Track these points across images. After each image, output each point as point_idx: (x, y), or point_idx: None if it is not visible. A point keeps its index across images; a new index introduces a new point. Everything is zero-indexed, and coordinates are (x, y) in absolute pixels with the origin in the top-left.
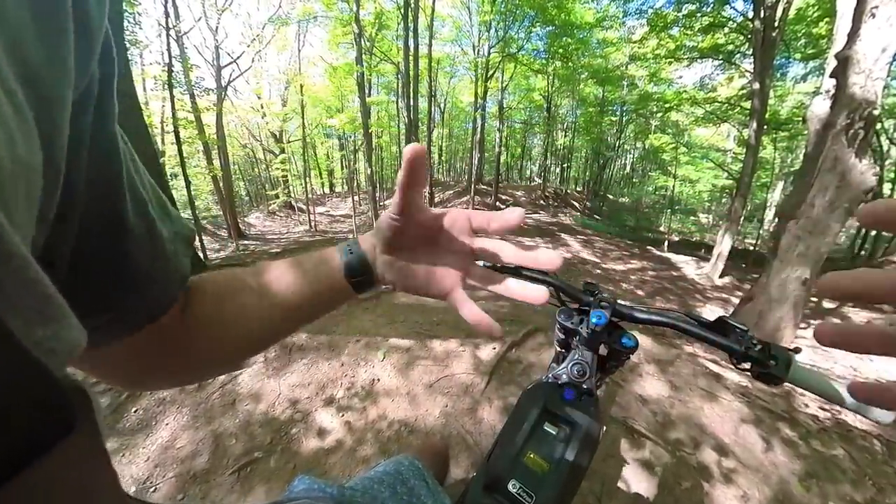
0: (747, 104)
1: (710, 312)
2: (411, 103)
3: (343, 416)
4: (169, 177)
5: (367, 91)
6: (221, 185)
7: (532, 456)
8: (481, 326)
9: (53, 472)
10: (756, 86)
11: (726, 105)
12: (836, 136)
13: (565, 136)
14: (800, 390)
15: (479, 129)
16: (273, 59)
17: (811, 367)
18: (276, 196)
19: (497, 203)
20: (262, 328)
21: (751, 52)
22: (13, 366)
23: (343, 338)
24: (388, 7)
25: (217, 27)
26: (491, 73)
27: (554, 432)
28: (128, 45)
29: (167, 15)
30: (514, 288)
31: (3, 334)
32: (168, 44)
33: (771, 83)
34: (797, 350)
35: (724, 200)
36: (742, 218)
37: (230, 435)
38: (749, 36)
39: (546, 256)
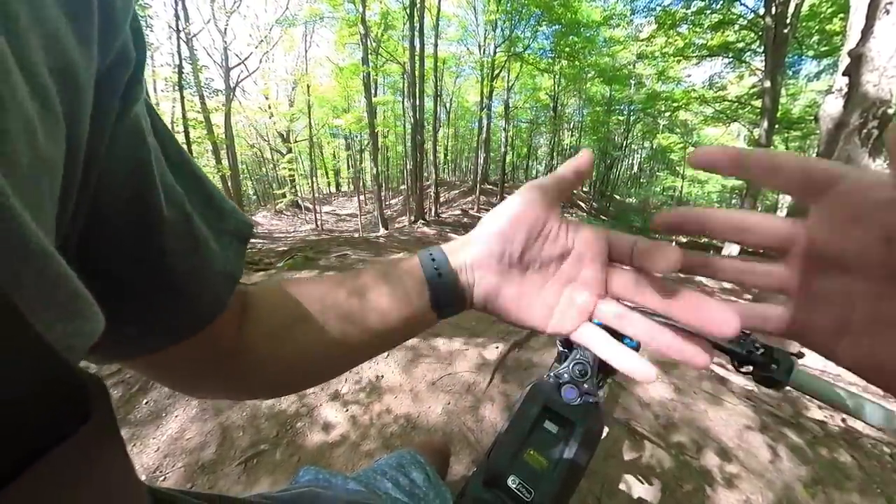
0: (758, 103)
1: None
2: (417, 103)
3: (347, 410)
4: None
5: (373, 91)
6: (230, 184)
7: (532, 453)
8: (638, 374)
9: (73, 457)
10: (767, 84)
11: (736, 104)
12: (849, 135)
13: (572, 135)
14: (808, 396)
15: (484, 129)
16: (280, 60)
17: (819, 372)
18: (283, 195)
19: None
20: (329, 361)
21: (762, 49)
22: (35, 358)
23: None
24: (394, 7)
25: (226, 29)
26: (497, 72)
27: (554, 430)
28: None
29: (177, 17)
30: (668, 342)
31: (24, 329)
32: (178, 46)
33: (783, 81)
34: (800, 355)
35: (734, 201)
36: None
37: (237, 427)
38: (760, 33)
39: (721, 317)
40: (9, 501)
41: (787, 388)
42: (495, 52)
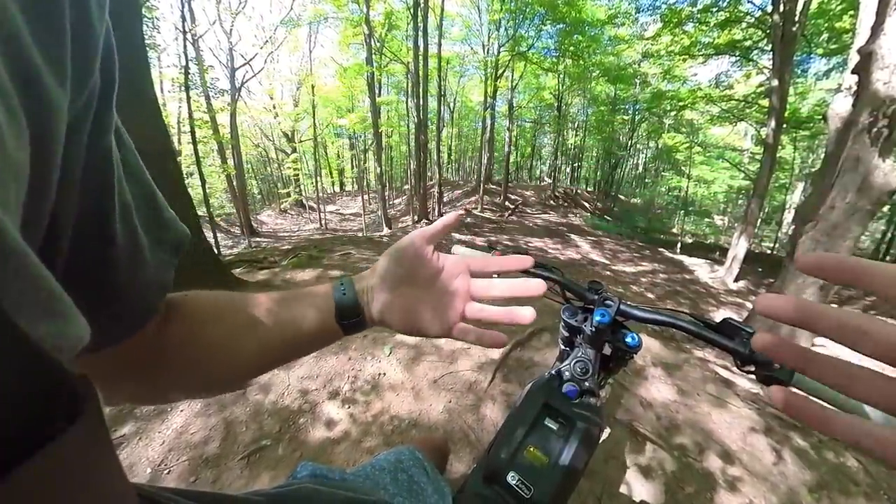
0: (765, 102)
1: (723, 316)
2: (421, 103)
3: (349, 408)
4: (185, 175)
5: (377, 91)
6: (235, 183)
7: (532, 450)
8: (485, 340)
9: (61, 456)
10: (775, 83)
11: (743, 103)
12: (859, 135)
13: (576, 135)
14: (811, 397)
15: (488, 129)
16: (285, 61)
17: None
18: (288, 194)
19: (506, 203)
20: (241, 362)
21: (769, 47)
22: (20, 357)
23: None
24: (398, 7)
25: (231, 30)
26: (501, 71)
27: (554, 428)
28: (147, 48)
29: (184, 19)
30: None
31: (10, 328)
32: (185, 47)
33: (791, 80)
34: None
35: (740, 202)
36: (759, 220)
37: (241, 423)
38: (768, 31)
39: (530, 287)
40: (3, 495)
41: (790, 388)
42: (499, 52)
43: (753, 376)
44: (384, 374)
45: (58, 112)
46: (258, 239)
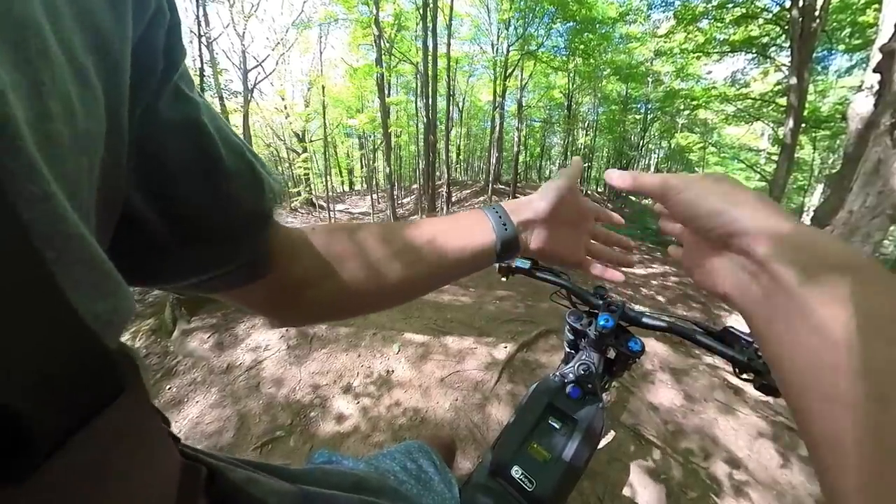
0: (783, 100)
1: (736, 322)
2: (430, 103)
3: (358, 403)
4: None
5: (386, 91)
6: None
7: (536, 446)
8: (606, 275)
9: (110, 425)
10: (793, 80)
11: (760, 102)
12: (880, 136)
13: (586, 134)
14: None
15: (497, 128)
16: (296, 62)
17: None
18: (298, 193)
19: None
20: (386, 291)
21: (788, 44)
22: (72, 334)
23: (360, 330)
24: (408, 8)
25: (244, 32)
26: (510, 71)
27: (558, 426)
28: None
29: (199, 23)
30: (616, 240)
31: (66, 308)
32: (199, 50)
33: (810, 77)
34: None
35: None
36: None
37: (254, 415)
38: (786, 27)
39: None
40: (57, 466)
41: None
42: (508, 51)
43: (751, 384)
44: (393, 371)
45: (125, 70)
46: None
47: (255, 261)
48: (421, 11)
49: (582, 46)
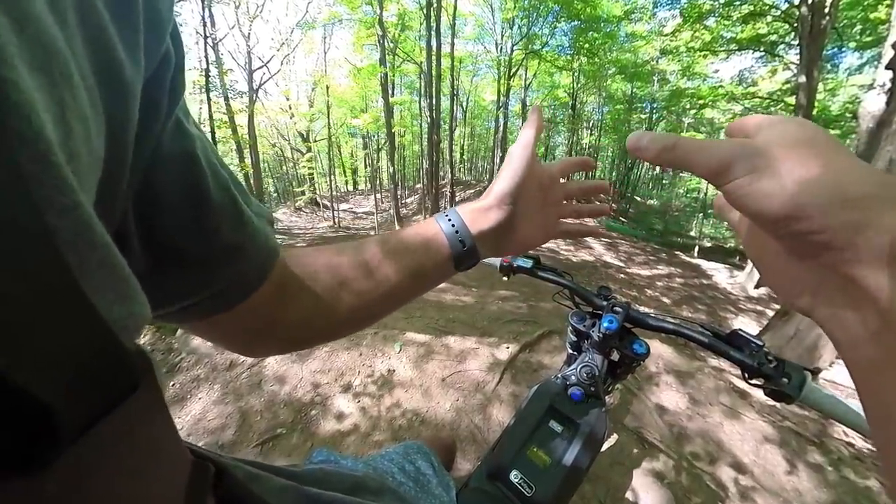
0: (792, 99)
1: (741, 324)
2: (433, 102)
3: (359, 402)
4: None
5: (390, 91)
6: (252, 181)
7: (535, 450)
8: (583, 231)
9: (123, 422)
10: (802, 79)
11: (768, 101)
12: (893, 135)
13: (591, 134)
14: (819, 412)
15: (501, 128)
16: (301, 63)
17: (835, 388)
18: (303, 193)
19: None
20: (360, 309)
21: (797, 41)
22: (94, 334)
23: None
24: (411, 8)
25: (249, 33)
26: (514, 70)
27: (558, 430)
28: None
29: (204, 23)
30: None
31: (88, 309)
32: (205, 51)
33: (820, 76)
34: (816, 371)
35: None
36: None
37: (256, 412)
38: (795, 24)
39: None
40: (71, 459)
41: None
42: (512, 50)
43: (761, 390)
44: (394, 370)
45: (133, 100)
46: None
47: (229, 289)
48: (424, 11)
49: (586, 45)
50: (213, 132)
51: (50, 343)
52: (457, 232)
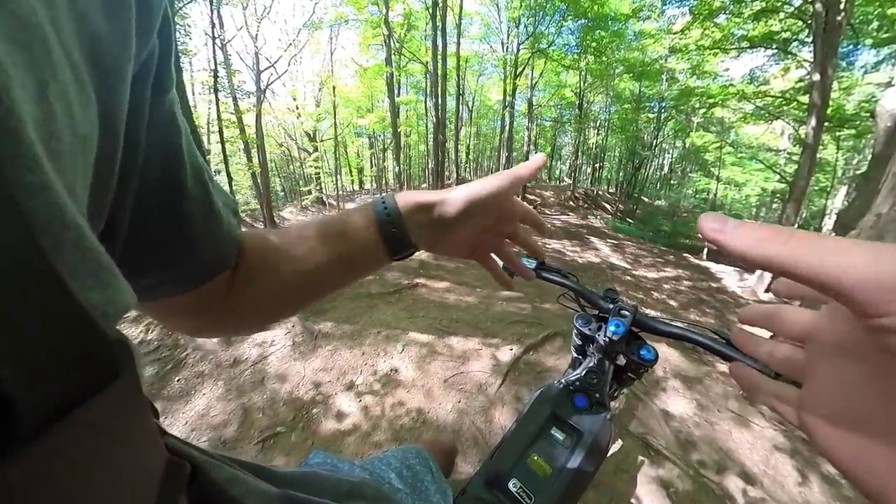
0: (805, 98)
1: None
2: (439, 102)
3: (361, 401)
4: (213, 173)
5: (396, 91)
6: (259, 181)
7: (536, 458)
8: (502, 280)
9: (99, 413)
10: (816, 77)
11: (780, 99)
12: None
13: (598, 133)
14: None
15: (507, 128)
16: (308, 63)
17: None
18: (309, 192)
19: (524, 203)
20: (297, 290)
21: (811, 39)
22: (71, 319)
23: (365, 328)
24: (417, 7)
25: (257, 34)
26: (520, 69)
27: (560, 438)
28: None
29: (213, 25)
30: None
31: (66, 295)
32: (214, 52)
33: (834, 74)
34: None
35: (775, 206)
36: (796, 226)
37: (258, 409)
38: (809, 21)
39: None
40: (45, 447)
41: None
42: (518, 50)
43: None
44: (396, 370)
45: (122, 80)
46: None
47: (193, 273)
48: (430, 11)
49: (594, 44)
50: (221, 132)
51: (18, 331)
52: (390, 220)
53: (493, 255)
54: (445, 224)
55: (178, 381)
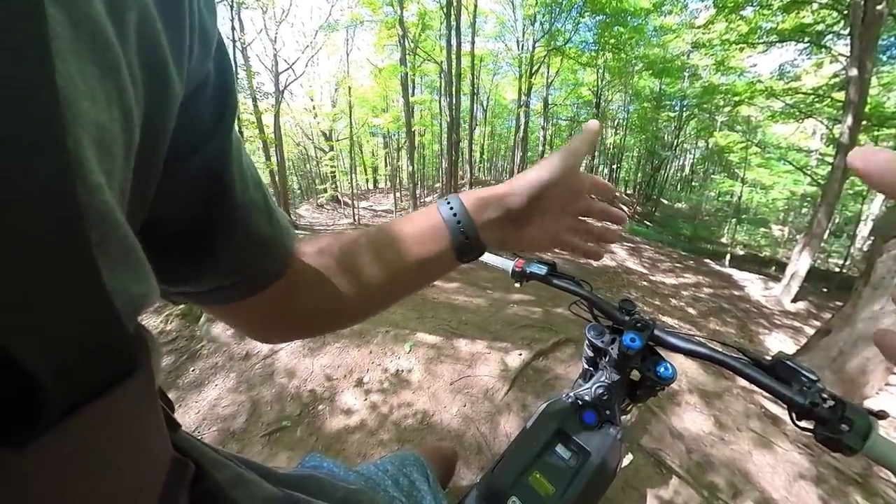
0: (840, 95)
1: (776, 342)
2: (454, 101)
3: (366, 400)
4: None
5: (410, 90)
6: (277, 179)
7: (538, 476)
8: (592, 253)
9: (112, 406)
10: (853, 72)
11: (813, 97)
12: None
13: (616, 133)
14: (887, 469)
15: (522, 127)
16: (324, 64)
17: None
18: (325, 190)
19: None
20: (362, 298)
21: (847, 31)
22: (100, 317)
23: (374, 327)
24: (431, 7)
25: (276, 37)
26: (536, 68)
27: (566, 456)
28: None
29: (234, 29)
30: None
31: (98, 288)
32: (234, 55)
33: (874, 68)
34: (882, 415)
35: (804, 210)
36: (827, 232)
37: (266, 403)
38: (845, 12)
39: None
40: (53, 439)
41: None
42: (534, 47)
43: (812, 434)
44: (403, 370)
45: (175, 97)
46: (296, 231)
47: (256, 278)
48: (445, 10)
49: (612, 41)
50: (241, 132)
51: (54, 320)
52: (458, 222)
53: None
54: (516, 217)
55: (192, 371)
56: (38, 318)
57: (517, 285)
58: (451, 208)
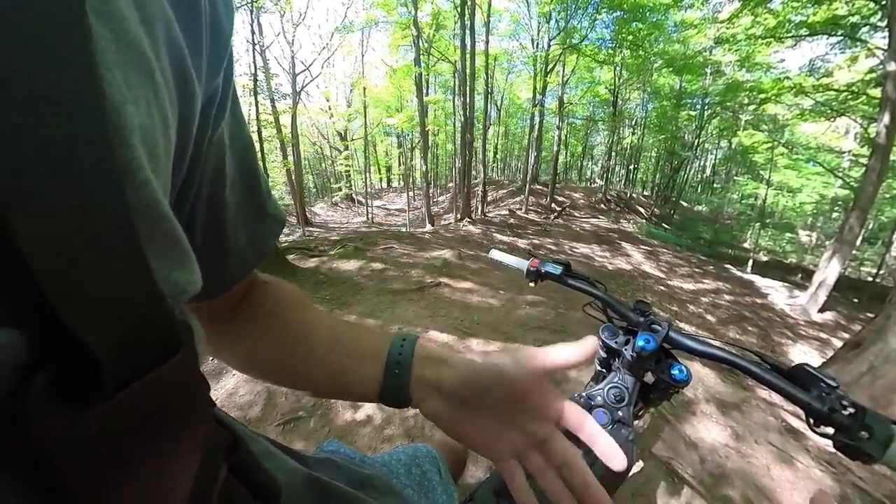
0: (877, 91)
1: (801, 353)
2: (467, 101)
3: None
4: None
5: (424, 90)
6: (293, 177)
7: None
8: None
9: (162, 381)
10: (891, 67)
11: (846, 93)
12: None
13: (633, 133)
14: None
15: (536, 127)
16: (340, 65)
17: None
18: (339, 189)
19: (552, 204)
20: (280, 369)
21: (885, 22)
22: (150, 299)
23: (387, 324)
24: (445, 7)
25: (293, 40)
26: (551, 66)
27: None
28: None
29: (252, 32)
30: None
31: (147, 274)
32: (254, 57)
33: None
34: None
35: (835, 215)
36: (859, 239)
37: (281, 393)
38: (883, 2)
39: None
40: (112, 407)
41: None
42: (549, 46)
43: (830, 441)
44: None
45: (196, 100)
46: (311, 229)
47: (216, 283)
48: (459, 9)
49: (630, 37)
50: (259, 132)
51: (110, 306)
52: (400, 359)
53: (513, 462)
54: (448, 395)
55: (211, 360)
56: (98, 304)
57: (532, 284)
58: (402, 348)
